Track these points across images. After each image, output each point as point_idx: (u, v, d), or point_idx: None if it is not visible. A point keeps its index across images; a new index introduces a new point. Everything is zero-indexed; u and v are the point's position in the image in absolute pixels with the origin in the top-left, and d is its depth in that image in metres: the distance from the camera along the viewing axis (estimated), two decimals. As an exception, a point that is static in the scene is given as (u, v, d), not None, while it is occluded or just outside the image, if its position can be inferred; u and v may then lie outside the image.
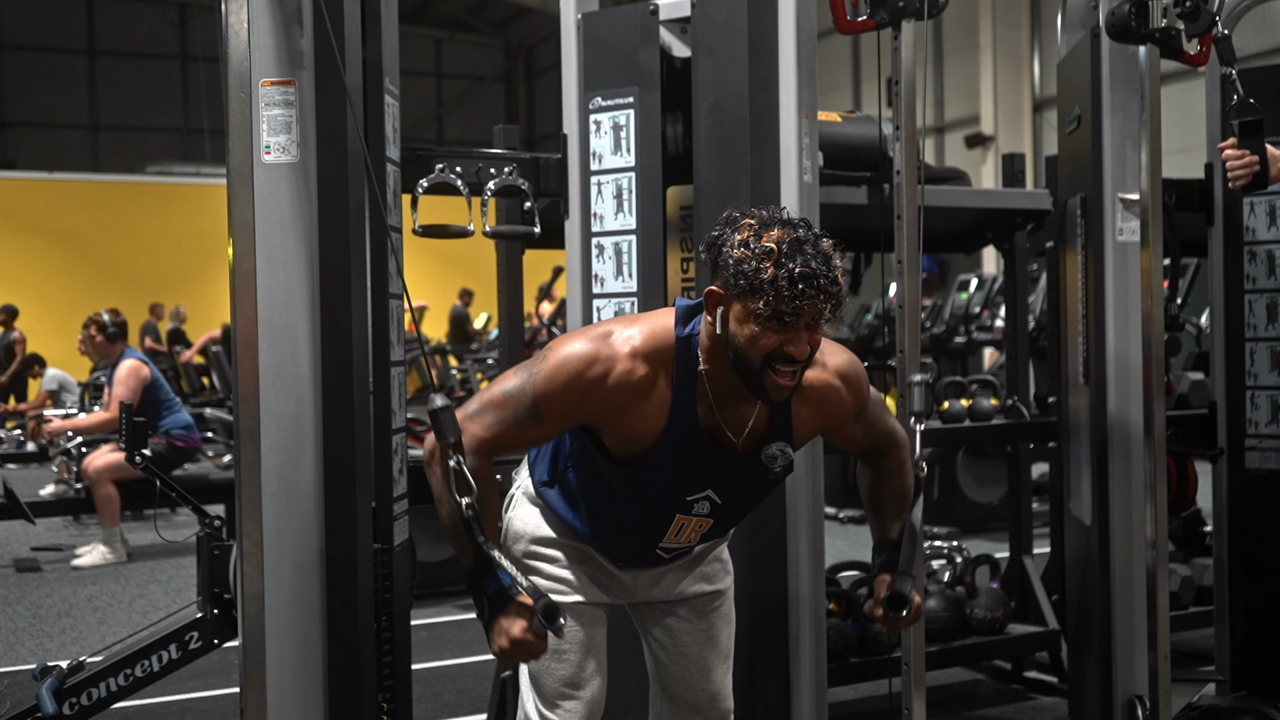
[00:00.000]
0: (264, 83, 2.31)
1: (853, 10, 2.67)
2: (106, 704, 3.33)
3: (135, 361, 6.96)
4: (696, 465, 2.13)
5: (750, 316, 1.96)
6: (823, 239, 1.99)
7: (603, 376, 2.04)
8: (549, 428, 2.10)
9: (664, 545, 2.24)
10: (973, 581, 4.20)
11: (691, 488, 2.16)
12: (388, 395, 2.49)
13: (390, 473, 2.49)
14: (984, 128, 18.65)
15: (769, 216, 2.00)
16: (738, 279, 1.95)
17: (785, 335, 1.96)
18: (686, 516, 2.19)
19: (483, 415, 2.08)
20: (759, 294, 1.93)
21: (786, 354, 1.97)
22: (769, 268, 1.93)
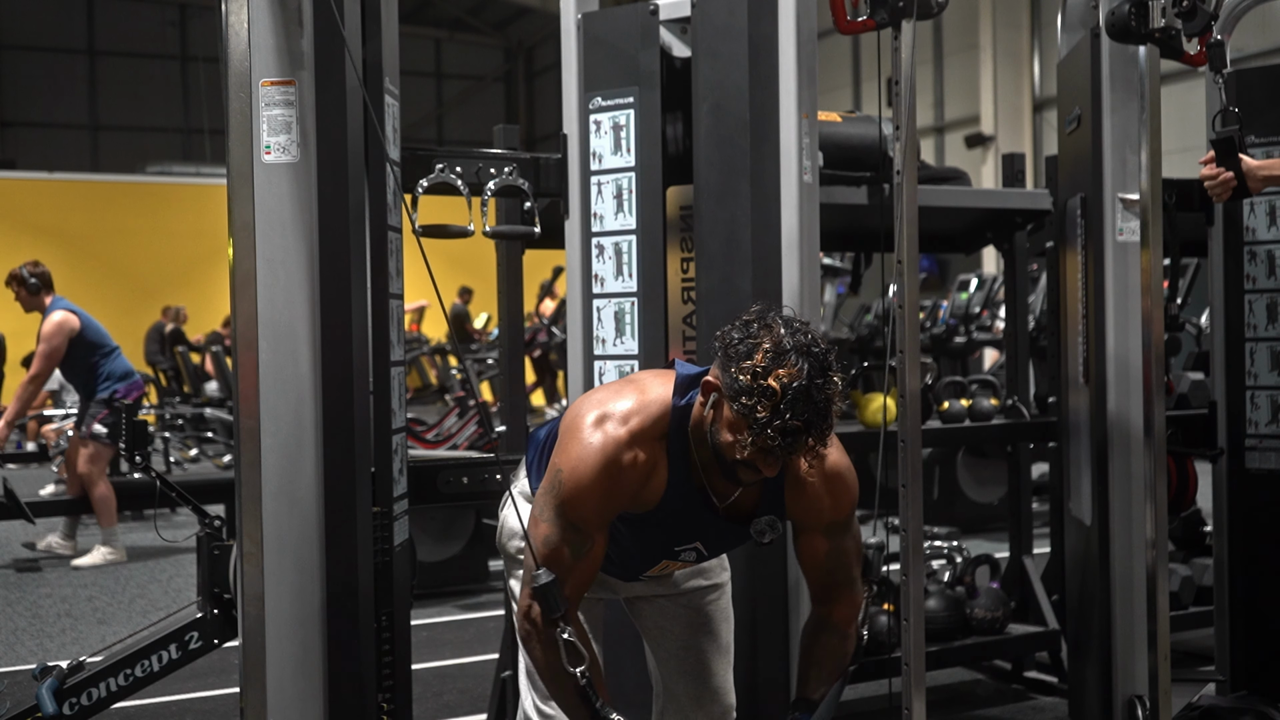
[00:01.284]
0: (264, 83, 2.31)
1: (853, 10, 2.66)
2: (106, 704, 3.33)
3: (61, 314, 6.80)
4: (689, 523, 2.17)
5: (734, 431, 1.96)
6: (833, 378, 1.96)
7: (618, 471, 2.07)
8: (599, 538, 2.11)
9: (646, 575, 2.30)
10: (973, 581, 4.20)
11: (681, 541, 2.20)
12: (388, 395, 2.49)
13: (390, 473, 2.49)
14: (984, 128, 18.65)
15: (787, 342, 1.95)
16: (734, 399, 1.95)
17: (766, 464, 1.97)
18: (671, 561, 2.25)
19: (550, 576, 2.06)
20: (748, 429, 1.93)
21: (757, 470, 1.98)
22: (765, 412, 1.91)
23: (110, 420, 6.76)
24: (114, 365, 6.90)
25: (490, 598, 5.97)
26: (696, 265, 2.93)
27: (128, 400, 6.82)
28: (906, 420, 2.56)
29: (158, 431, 10.22)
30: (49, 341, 6.73)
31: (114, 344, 7.08)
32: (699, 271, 2.92)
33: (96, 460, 6.78)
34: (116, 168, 21.44)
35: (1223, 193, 2.90)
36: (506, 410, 4.12)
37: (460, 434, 7.57)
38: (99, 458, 6.78)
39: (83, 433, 6.81)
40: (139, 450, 4.10)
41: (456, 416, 8.19)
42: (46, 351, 6.69)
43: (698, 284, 2.93)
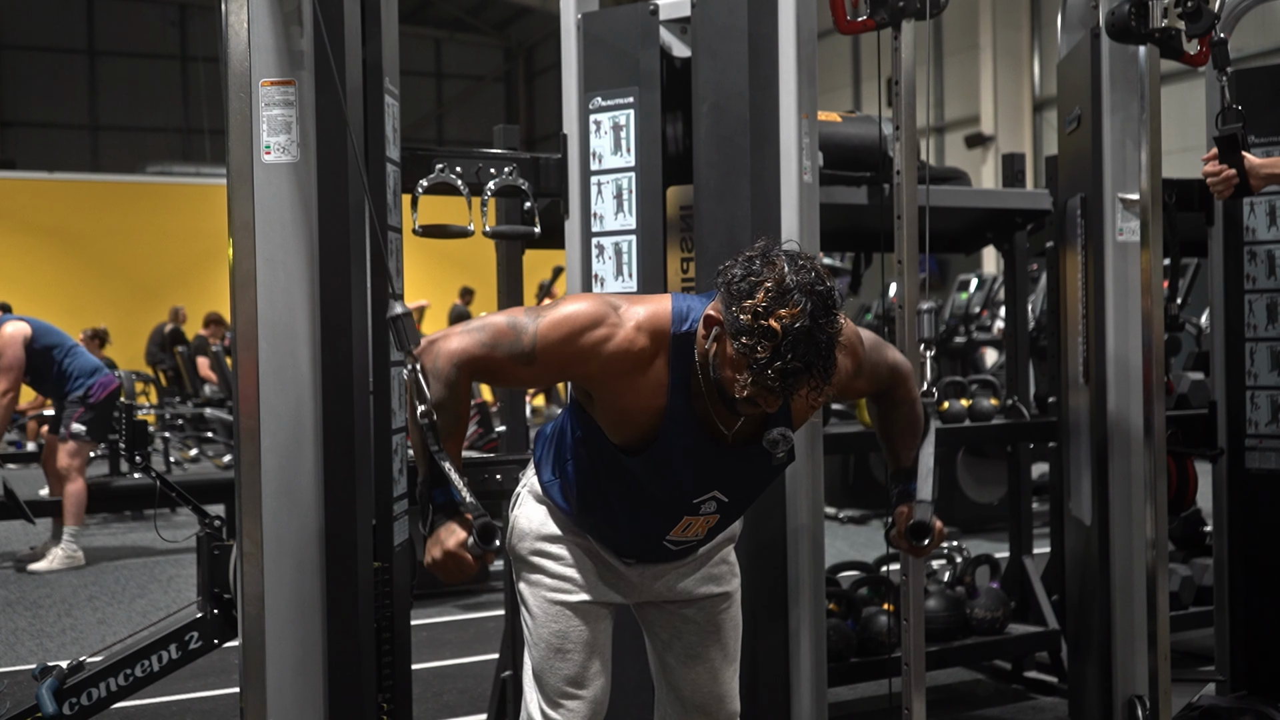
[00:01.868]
0: (264, 83, 2.31)
1: (853, 10, 2.67)
2: (106, 704, 3.33)
3: (12, 324, 6.75)
4: (699, 459, 2.12)
5: (735, 369, 1.94)
6: (837, 316, 1.93)
7: (603, 340, 2.02)
8: (536, 372, 2.07)
9: (671, 539, 2.23)
10: (973, 581, 4.20)
11: (698, 487, 2.16)
12: (388, 395, 2.49)
13: (390, 472, 2.49)
14: (984, 128, 18.65)
15: (792, 280, 1.91)
16: (735, 337, 1.92)
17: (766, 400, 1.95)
18: (693, 516, 2.20)
19: (479, 332, 2.06)
20: (748, 369, 1.90)
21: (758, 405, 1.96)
22: (765, 353, 1.88)
23: (87, 418, 6.74)
24: (79, 362, 6.84)
25: (490, 598, 5.97)
26: (696, 265, 2.93)
27: (103, 395, 6.80)
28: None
29: (158, 431, 10.22)
30: (6, 354, 6.68)
31: (71, 341, 7.03)
32: (699, 271, 2.92)
33: (77, 455, 6.76)
34: (116, 168, 21.45)
35: (1225, 189, 2.90)
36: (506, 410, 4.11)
37: (460, 434, 7.55)
38: (79, 453, 6.77)
39: (61, 435, 6.80)
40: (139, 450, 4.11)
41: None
42: (7, 364, 6.68)
43: (698, 284, 2.93)
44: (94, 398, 6.76)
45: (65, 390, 6.80)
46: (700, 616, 2.36)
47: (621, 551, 2.29)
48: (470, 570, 2.01)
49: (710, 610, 2.36)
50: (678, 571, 2.34)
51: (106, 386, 6.84)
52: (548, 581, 2.25)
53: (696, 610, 2.36)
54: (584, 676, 2.25)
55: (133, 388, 10.18)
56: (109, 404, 6.87)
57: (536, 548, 2.29)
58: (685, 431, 2.09)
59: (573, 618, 2.26)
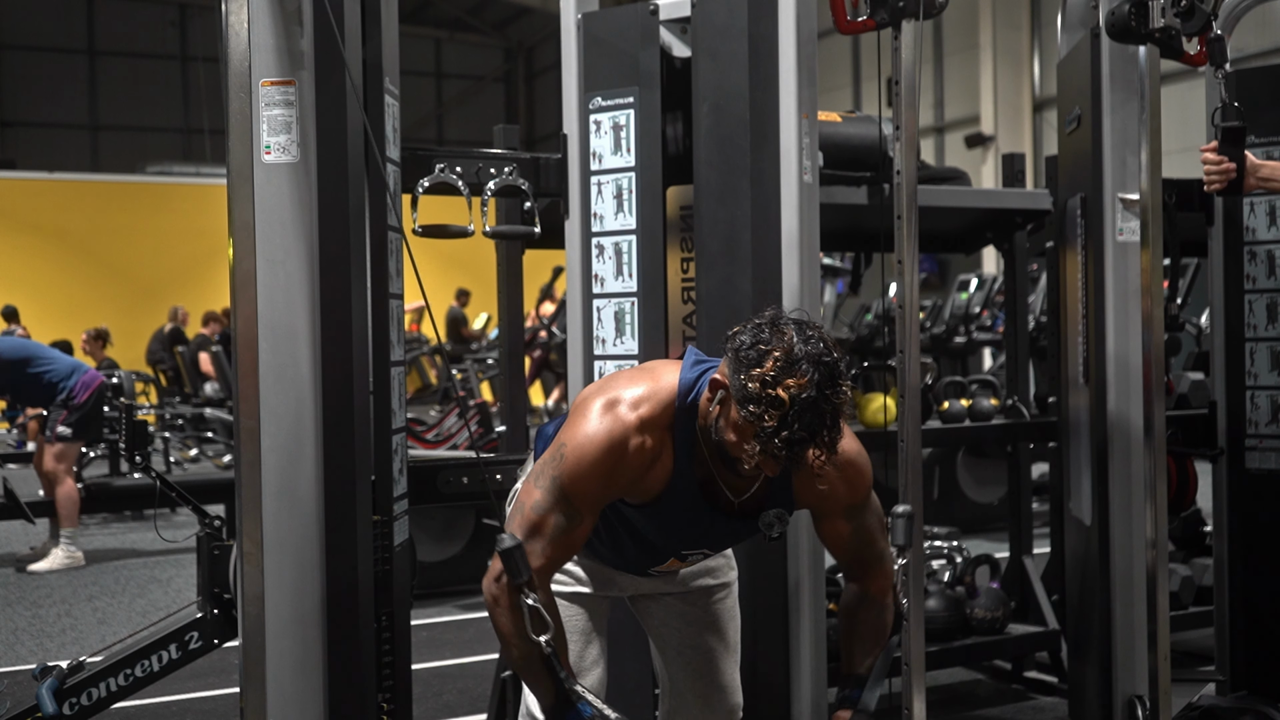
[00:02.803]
0: (264, 83, 2.31)
1: (853, 10, 2.66)
2: (106, 704, 3.33)
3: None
4: (694, 524, 2.16)
5: (740, 435, 1.95)
6: (843, 387, 1.94)
7: (621, 455, 2.04)
8: (588, 519, 2.09)
9: (655, 570, 2.30)
10: (973, 581, 4.20)
11: (689, 543, 2.21)
12: (388, 395, 2.49)
13: (390, 473, 2.49)
14: (984, 128, 18.65)
15: (800, 350, 1.92)
16: (742, 405, 1.92)
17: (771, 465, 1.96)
18: (678, 560, 2.26)
19: (532, 543, 2.04)
20: (754, 438, 1.92)
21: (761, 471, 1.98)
22: (773, 422, 1.89)
23: (73, 419, 6.74)
24: (56, 368, 6.81)
25: (490, 598, 5.96)
26: (696, 265, 2.93)
27: (87, 395, 6.77)
28: (906, 420, 2.56)
29: (158, 431, 10.22)
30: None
31: (44, 351, 7.01)
32: (699, 271, 2.92)
33: (63, 458, 6.76)
34: (116, 168, 21.45)
35: (1220, 182, 2.88)
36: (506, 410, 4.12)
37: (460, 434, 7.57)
38: (65, 456, 6.77)
39: (48, 437, 6.80)
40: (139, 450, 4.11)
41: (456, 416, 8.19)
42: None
43: (698, 284, 2.93)
44: (78, 398, 6.74)
45: (47, 397, 6.80)
46: (696, 608, 2.38)
47: (606, 562, 2.33)
48: None
49: (705, 601, 2.38)
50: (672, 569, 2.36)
51: (89, 386, 6.81)
52: None
53: (692, 601, 2.38)
54: (581, 665, 2.29)
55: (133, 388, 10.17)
56: (96, 403, 6.85)
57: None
58: (686, 498, 2.11)
59: (570, 605, 2.30)
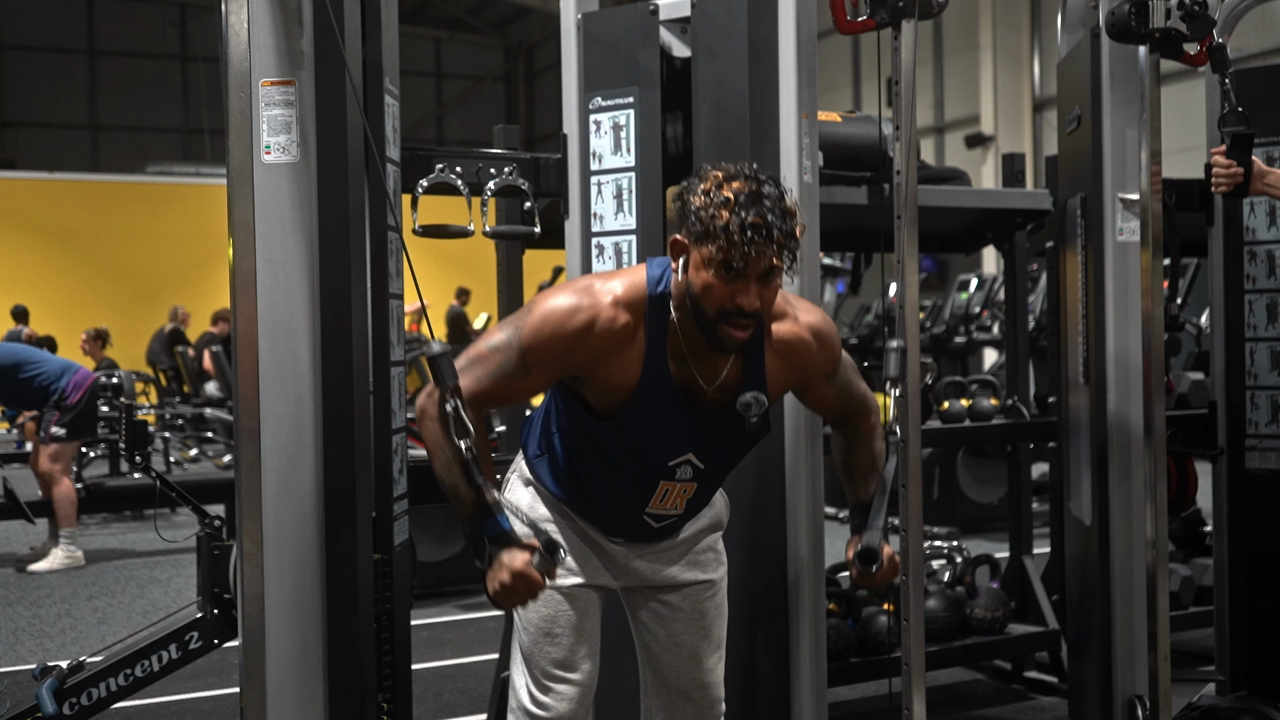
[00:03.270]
0: (264, 83, 2.31)
1: (853, 10, 2.66)
2: (106, 704, 3.33)
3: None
4: (673, 421, 2.17)
5: (705, 263, 2.03)
6: (786, 196, 2.06)
7: (588, 325, 2.09)
8: (536, 378, 2.14)
9: (651, 511, 2.27)
10: (973, 581, 4.20)
11: (671, 449, 2.20)
12: (388, 395, 2.49)
13: (390, 473, 2.49)
14: (984, 128, 18.65)
15: (735, 170, 2.06)
16: (695, 225, 2.04)
17: (736, 286, 2.02)
18: (670, 482, 2.23)
19: (471, 369, 2.13)
20: (712, 239, 2.01)
21: (738, 306, 2.03)
22: (724, 214, 2.00)
23: (66, 419, 6.73)
24: (46, 370, 6.79)
25: (490, 598, 5.97)
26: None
27: (79, 394, 6.76)
28: (906, 420, 2.56)
29: (158, 431, 10.22)
30: None
31: (32, 354, 6.98)
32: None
33: (58, 459, 6.76)
34: (116, 168, 21.45)
35: (1227, 185, 2.91)
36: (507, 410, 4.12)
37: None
38: (60, 456, 6.76)
39: (42, 438, 6.80)
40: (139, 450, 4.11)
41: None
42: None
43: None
44: (70, 398, 6.73)
45: (40, 399, 6.79)
46: (685, 603, 2.37)
47: (607, 529, 2.32)
48: (538, 587, 2.02)
49: (695, 598, 2.38)
50: (664, 556, 2.36)
51: (81, 386, 6.80)
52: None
53: (681, 598, 2.37)
54: (573, 660, 2.29)
55: (133, 388, 10.17)
56: (89, 402, 6.84)
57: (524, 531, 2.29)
58: (660, 392, 2.14)
59: (562, 602, 2.29)
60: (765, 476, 2.83)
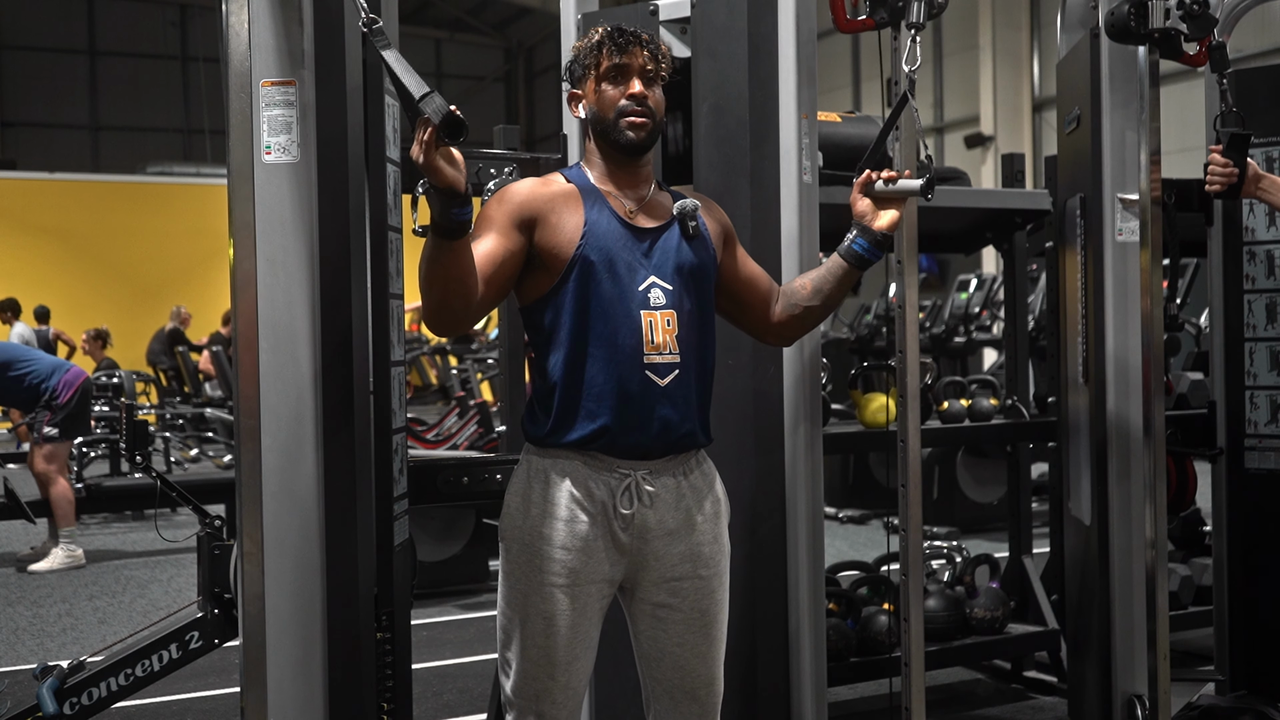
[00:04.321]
0: (264, 83, 2.31)
1: (853, 10, 2.67)
2: (107, 704, 3.34)
3: None
4: (624, 242, 2.30)
5: (596, 82, 2.33)
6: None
7: (536, 186, 2.33)
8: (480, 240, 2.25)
9: (649, 360, 2.27)
10: (973, 581, 4.20)
11: (634, 271, 2.29)
12: (388, 395, 2.49)
13: (390, 473, 2.49)
14: (984, 128, 18.66)
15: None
16: (578, 62, 2.36)
17: (623, 85, 2.31)
18: (649, 311, 2.27)
19: None
20: (594, 54, 2.33)
21: (631, 95, 2.30)
22: (596, 34, 2.34)
23: (58, 419, 6.73)
24: (37, 369, 6.78)
25: (490, 597, 5.97)
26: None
27: (70, 393, 6.75)
28: (906, 420, 2.56)
29: (158, 431, 10.23)
30: None
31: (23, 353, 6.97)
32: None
33: (53, 459, 6.75)
34: (117, 168, 21.46)
35: (1223, 184, 2.92)
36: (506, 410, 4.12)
37: (460, 434, 7.58)
38: (55, 456, 6.75)
39: (35, 438, 6.80)
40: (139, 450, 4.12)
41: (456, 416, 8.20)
42: None
43: (697, 284, 2.93)
44: (60, 398, 6.71)
45: (32, 400, 6.79)
46: (685, 605, 2.34)
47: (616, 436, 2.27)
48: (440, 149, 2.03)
49: (695, 598, 2.35)
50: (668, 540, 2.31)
51: (71, 385, 6.77)
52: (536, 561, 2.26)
53: (682, 599, 2.34)
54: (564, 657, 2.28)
55: (133, 388, 10.18)
56: (80, 401, 6.83)
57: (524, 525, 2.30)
58: (604, 217, 2.30)
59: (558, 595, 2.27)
60: (765, 476, 2.84)
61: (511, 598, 2.30)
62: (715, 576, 2.39)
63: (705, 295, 2.38)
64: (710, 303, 2.40)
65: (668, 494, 2.32)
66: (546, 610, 2.26)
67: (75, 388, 6.78)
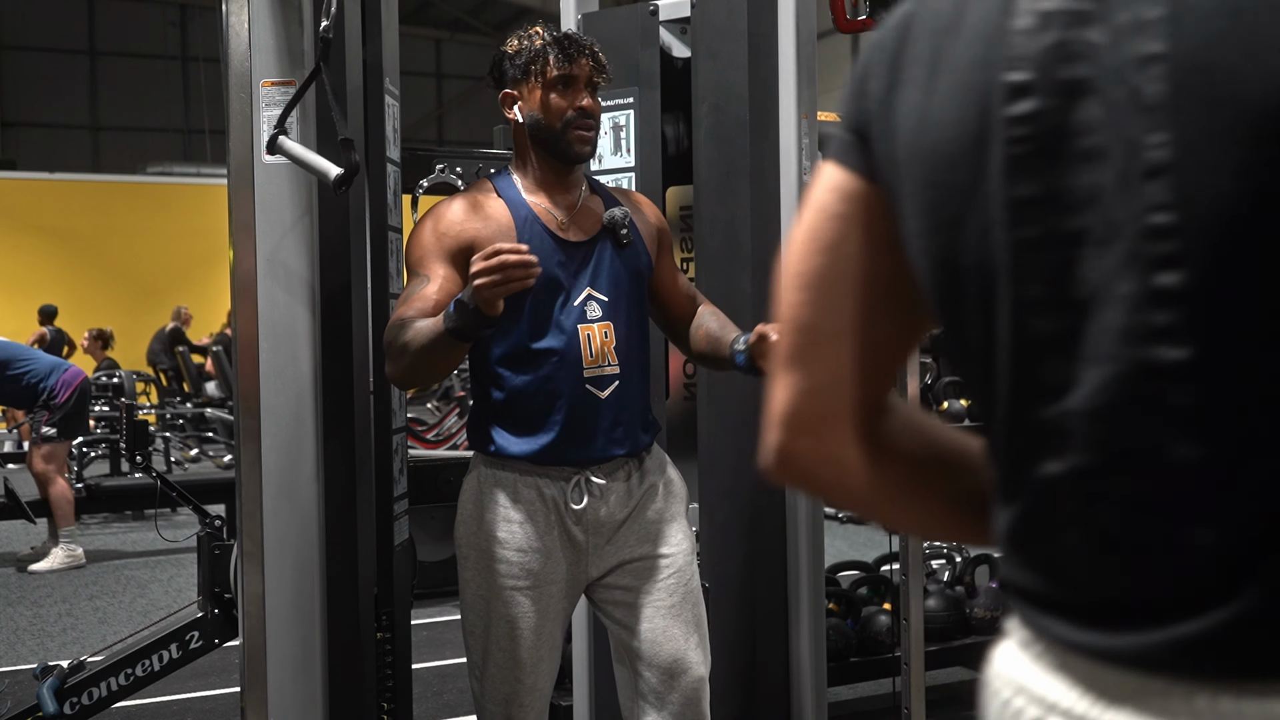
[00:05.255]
0: (264, 83, 2.31)
1: (852, 10, 2.67)
2: (107, 703, 3.34)
3: None
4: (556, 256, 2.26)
5: (540, 87, 2.29)
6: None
7: (443, 209, 2.28)
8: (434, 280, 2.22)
9: (590, 375, 2.25)
10: (973, 581, 4.20)
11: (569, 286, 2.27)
12: (388, 395, 2.49)
13: (390, 473, 2.50)
14: (984, 128, 18.65)
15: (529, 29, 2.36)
16: (517, 63, 2.31)
17: (571, 93, 2.28)
18: (586, 325, 2.27)
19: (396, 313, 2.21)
20: (537, 63, 2.29)
21: (579, 108, 2.28)
22: (538, 41, 2.31)
23: (56, 419, 6.73)
24: (36, 368, 6.77)
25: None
26: (696, 265, 2.93)
27: (69, 393, 6.75)
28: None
29: (158, 431, 10.23)
30: None
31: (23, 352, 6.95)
32: (699, 271, 2.92)
33: (51, 459, 6.75)
34: (117, 168, 21.45)
35: None
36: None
37: (460, 434, 7.58)
38: (54, 456, 6.76)
39: (34, 439, 6.80)
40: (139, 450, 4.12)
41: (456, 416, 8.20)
42: None
43: (697, 284, 2.93)
44: (59, 398, 6.71)
45: (30, 399, 6.79)
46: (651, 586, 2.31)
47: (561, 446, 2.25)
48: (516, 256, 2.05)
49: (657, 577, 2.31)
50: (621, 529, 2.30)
51: (70, 384, 6.77)
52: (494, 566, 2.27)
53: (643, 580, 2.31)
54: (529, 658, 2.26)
55: (133, 388, 10.18)
56: (79, 401, 6.83)
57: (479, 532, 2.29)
58: (535, 231, 2.27)
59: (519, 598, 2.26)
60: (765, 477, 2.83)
61: (474, 604, 2.31)
62: (677, 555, 2.34)
63: (641, 301, 2.39)
64: (645, 307, 2.41)
65: (618, 484, 2.32)
66: (509, 614, 2.26)
67: (73, 388, 6.78)
